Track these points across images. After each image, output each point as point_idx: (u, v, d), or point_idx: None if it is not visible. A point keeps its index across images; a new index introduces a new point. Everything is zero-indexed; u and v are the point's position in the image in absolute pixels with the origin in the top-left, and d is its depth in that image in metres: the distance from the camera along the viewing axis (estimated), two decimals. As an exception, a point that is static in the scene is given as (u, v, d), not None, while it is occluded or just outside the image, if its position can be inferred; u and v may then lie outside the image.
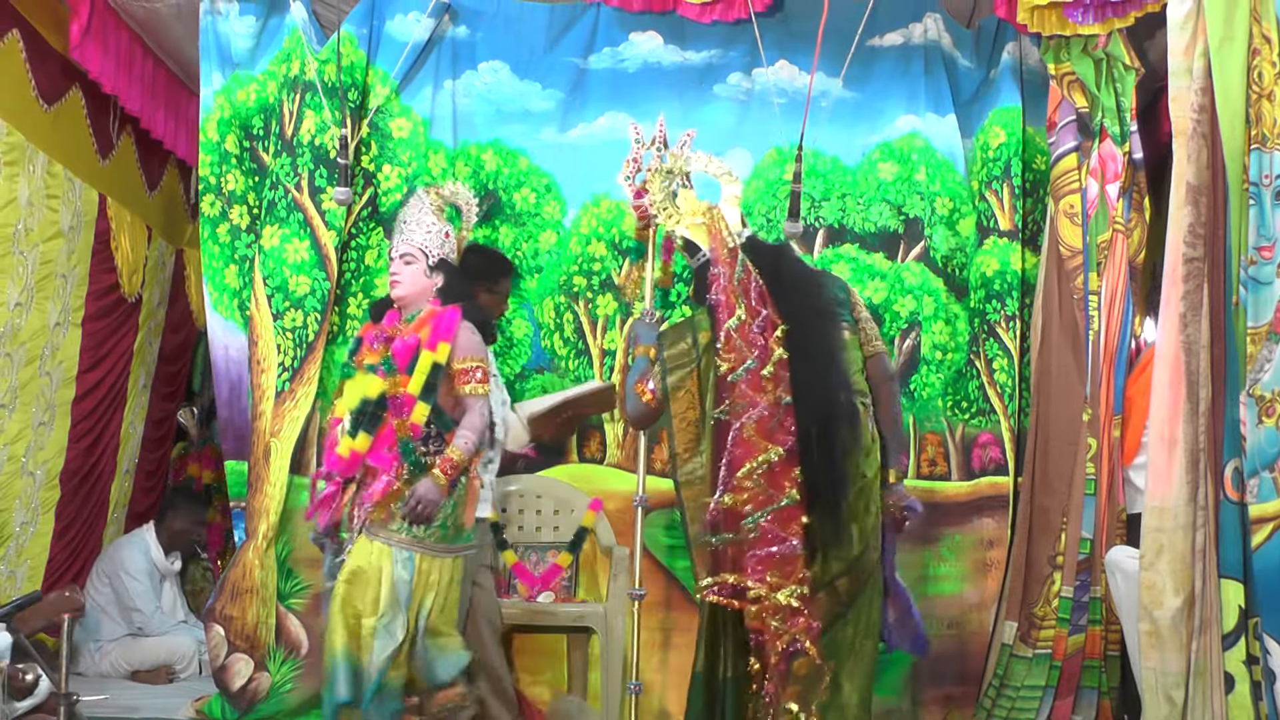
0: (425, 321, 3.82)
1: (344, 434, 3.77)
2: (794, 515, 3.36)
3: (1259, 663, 3.64)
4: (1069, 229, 4.70)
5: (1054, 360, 4.70)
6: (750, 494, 3.38)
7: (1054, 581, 4.61)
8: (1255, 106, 3.67)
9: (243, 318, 4.79)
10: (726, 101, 4.95)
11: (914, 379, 4.86)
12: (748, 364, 3.42)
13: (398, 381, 3.74)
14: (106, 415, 5.85)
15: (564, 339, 4.90)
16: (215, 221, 4.84)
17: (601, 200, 4.91)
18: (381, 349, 3.81)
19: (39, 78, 4.94)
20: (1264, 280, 3.62)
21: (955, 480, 4.84)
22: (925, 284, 4.87)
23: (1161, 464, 3.80)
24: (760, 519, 3.36)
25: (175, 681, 5.66)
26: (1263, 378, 3.61)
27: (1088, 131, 4.73)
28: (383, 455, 3.72)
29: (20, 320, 4.96)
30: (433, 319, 3.82)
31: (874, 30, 4.84)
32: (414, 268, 3.88)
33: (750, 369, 3.42)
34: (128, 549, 5.81)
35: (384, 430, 3.73)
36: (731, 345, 3.46)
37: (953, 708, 4.72)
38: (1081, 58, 4.69)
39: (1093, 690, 4.63)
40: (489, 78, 4.95)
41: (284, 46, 4.83)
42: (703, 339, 3.57)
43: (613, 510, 4.68)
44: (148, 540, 5.87)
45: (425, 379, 3.73)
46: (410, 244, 3.90)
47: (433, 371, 3.74)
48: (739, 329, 3.46)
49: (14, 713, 4.30)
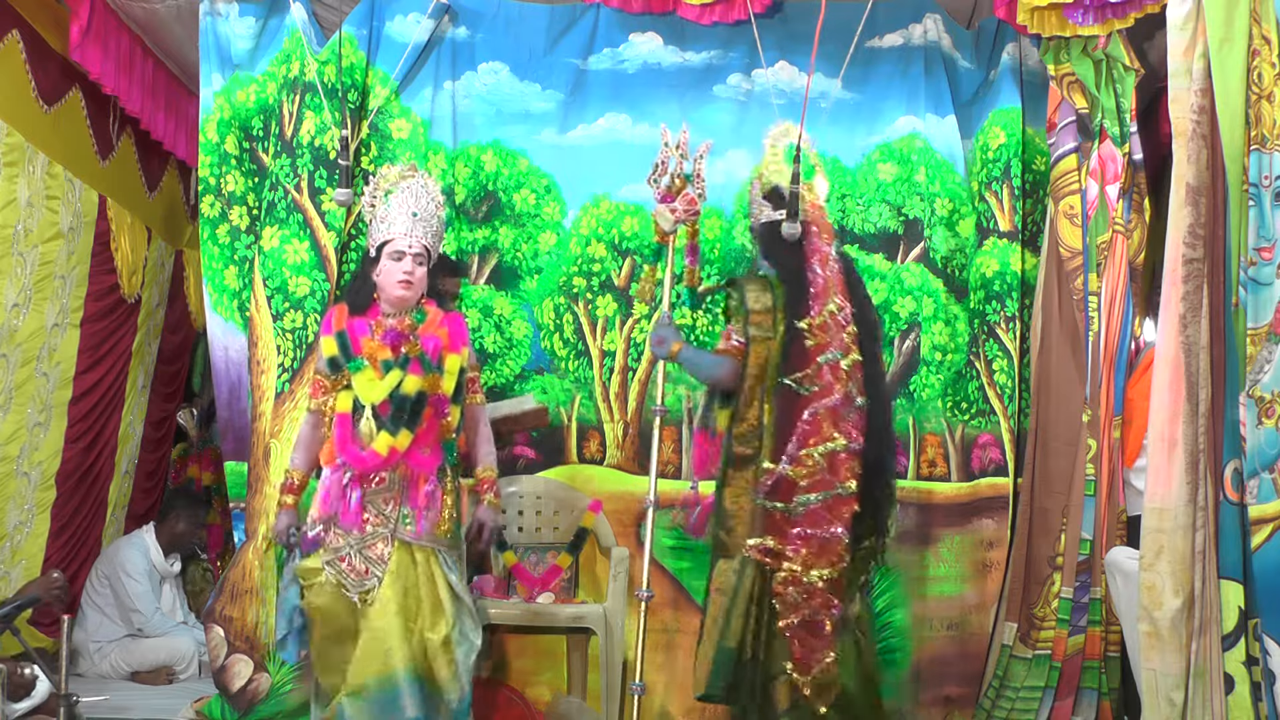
0: (439, 323, 3.78)
1: (381, 430, 3.64)
2: (847, 505, 3.57)
3: (1259, 664, 3.64)
4: (1069, 230, 4.69)
5: (1054, 361, 4.70)
6: (809, 472, 3.56)
7: (1054, 582, 4.61)
8: (1255, 107, 3.67)
9: (242, 319, 4.79)
10: (726, 102, 4.96)
11: (914, 380, 4.86)
12: (835, 352, 3.62)
13: (436, 380, 3.70)
14: (104, 416, 5.85)
15: (564, 340, 4.90)
16: (215, 222, 4.84)
17: (601, 201, 4.91)
18: (402, 345, 3.71)
19: (39, 79, 4.95)
20: (1264, 281, 3.62)
21: (955, 481, 4.84)
22: (925, 285, 4.87)
23: (1161, 465, 3.80)
24: (815, 501, 3.54)
25: (175, 682, 5.66)
26: (1262, 379, 3.61)
27: (1087, 132, 4.73)
28: (422, 456, 3.67)
29: (17, 321, 4.96)
30: (447, 321, 3.79)
31: (873, 31, 4.84)
32: (424, 269, 3.80)
33: (834, 358, 3.61)
34: (127, 550, 5.81)
35: (424, 429, 3.68)
36: (824, 327, 3.64)
37: (953, 708, 4.72)
38: (1081, 59, 4.69)
39: (1093, 691, 4.63)
40: (489, 79, 4.95)
41: (284, 47, 4.83)
42: (780, 299, 3.76)
43: (612, 511, 4.68)
44: (147, 541, 5.87)
45: (455, 381, 3.72)
46: (425, 242, 3.79)
47: (460, 375, 3.74)
48: (832, 315, 3.65)
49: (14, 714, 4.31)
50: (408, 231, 3.77)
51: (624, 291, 4.90)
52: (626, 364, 4.86)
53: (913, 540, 4.79)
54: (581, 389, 4.87)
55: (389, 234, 3.78)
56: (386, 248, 3.77)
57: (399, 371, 3.69)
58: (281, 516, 3.80)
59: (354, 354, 3.74)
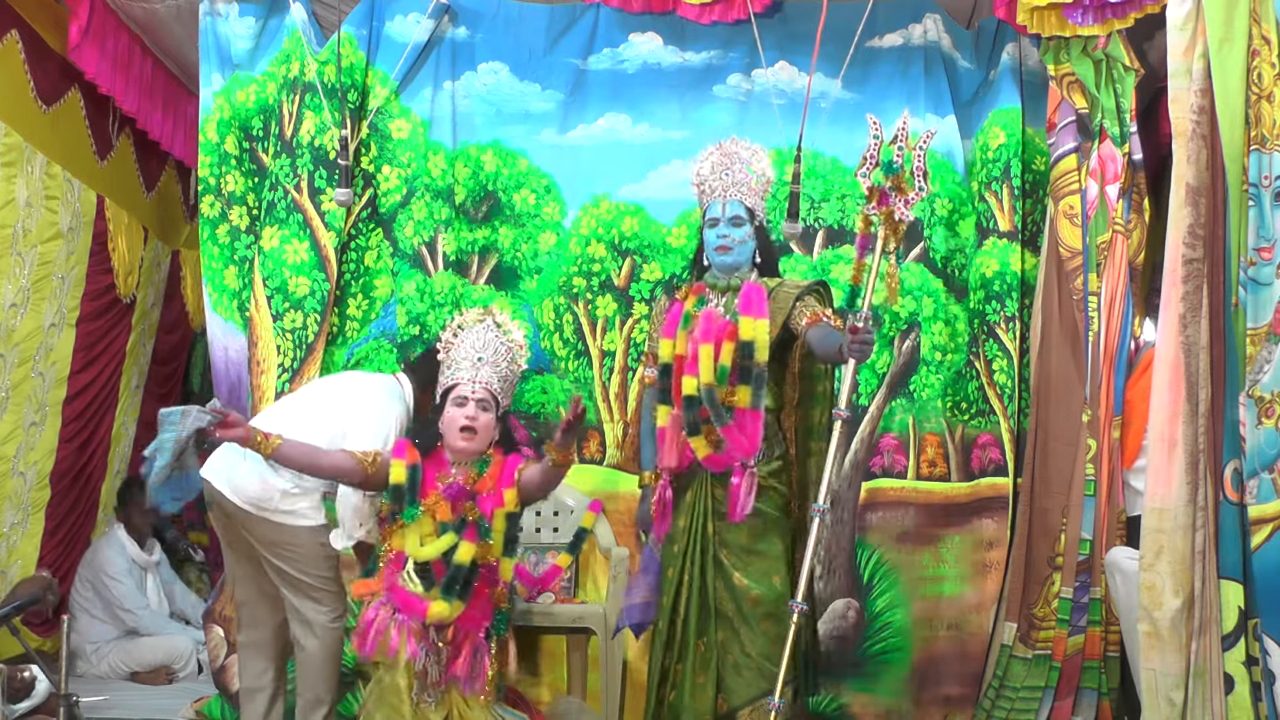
0: (497, 474, 3.63)
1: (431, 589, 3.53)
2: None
3: (1258, 664, 3.64)
4: (1069, 230, 4.70)
5: (1054, 361, 4.70)
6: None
7: (1053, 582, 4.61)
8: (1255, 108, 3.68)
9: (242, 319, 4.79)
10: (726, 102, 4.95)
11: (914, 380, 4.86)
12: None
13: (488, 548, 3.57)
14: (98, 416, 5.84)
15: (564, 340, 4.90)
16: (215, 223, 4.84)
17: (601, 201, 4.91)
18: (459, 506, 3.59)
19: (38, 79, 4.94)
20: (1263, 281, 3.63)
21: (955, 481, 4.83)
22: (925, 285, 4.87)
23: (1161, 465, 3.80)
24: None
25: (174, 683, 5.66)
26: (1262, 379, 3.62)
27: (1087, 132, 4.73)
28: (472, 615, 3.58)
29: (15, 321, 4.96)
30: (502, 470, 3.65)
31: (873, 31, 4.84)
32: (490, 415, 3.64)
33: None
34: (106, 550, 5.78)
35: (477, 600, 3.58)
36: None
37: (952, 708, 4.72)
38: (1081, 59, 4.69)
39: (1092, 691, 4.63)
40: (489, 79, 4.95)
41: (284, 47, 4.83)
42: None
43: (612, 511, 4.68)
44: (121, 538, 5.84)
45: (504, 535, 3.62)
46: (491, 388, 3.64)
47: (509, 524, 3.63)
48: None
49: (14, 714, 4.31)
50: (472, 377, 3.65)
51: (624, 291, 4.89)
52: (626, 364, 4.85)
53: (912, 540, 4.79)
54: (581, 389, 4.87)
55: (453, 379, 3.67)
56: (451, 393, 3.66)
57: (454, 535, 3.56)
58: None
59: (417, 499, 3.59)
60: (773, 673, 3.62)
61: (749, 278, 3.85)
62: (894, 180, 3.55)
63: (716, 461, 3.72)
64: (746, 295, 3.73)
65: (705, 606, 3.76)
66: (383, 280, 4.85)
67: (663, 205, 4.87)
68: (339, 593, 3.92)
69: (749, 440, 3.65)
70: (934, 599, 4.77)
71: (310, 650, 3.88)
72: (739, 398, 3.67)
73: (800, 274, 4.83)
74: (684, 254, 4.78)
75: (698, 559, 3.77)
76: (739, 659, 3.72)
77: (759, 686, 3.68)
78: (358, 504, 3.76)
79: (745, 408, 3.66)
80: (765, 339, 3.68)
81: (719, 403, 3.65)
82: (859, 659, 4.73)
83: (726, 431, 3.65)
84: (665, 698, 3.82)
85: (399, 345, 4.79)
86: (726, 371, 3.68)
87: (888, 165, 3.53)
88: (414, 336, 4.76)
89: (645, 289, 4.88)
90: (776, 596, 3.71)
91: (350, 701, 4.46)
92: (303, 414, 3.94)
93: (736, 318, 3.72)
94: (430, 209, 4.83)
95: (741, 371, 3.67)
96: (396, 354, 4.79)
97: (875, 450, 4.81)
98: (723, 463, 3.70)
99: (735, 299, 3.79)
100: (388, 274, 4.85)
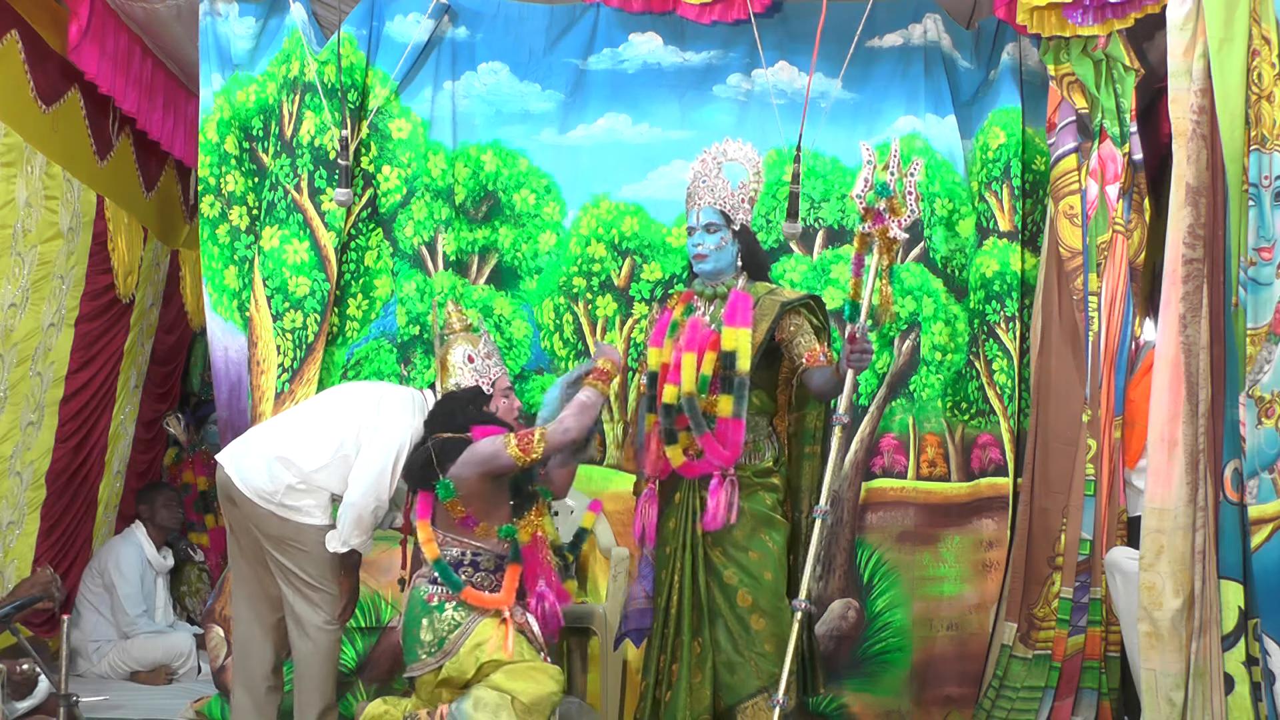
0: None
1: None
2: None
3: (1259, 664, 3.65)
4: (1069, 230, 4.70)
5: (1054, 361, 4.70)
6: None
7: (1054, 582, 4.61)
8: (1255, 108, 3.68)
9: (242, 319, 4.79)
10: (726, 102, 4.95)
11: (914, 380, 4.86)
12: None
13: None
14: (95, 415, 5.84)
15: (564, 340, 4.90)
16: (215, 223, 4.84)
17: (601, 201, 4.91)
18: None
19: (38, 79, 4.94)
20: (1263, 281, 3.63)
21: (955, 481, 4.83)
22: (925, 285, 4.87)
23: (1161, 465, 3.81)
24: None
25: (174, 682, 5.66)
26: (1262, 379, 3.62)
27: (1087, 132, 4.73)
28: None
29: (14, 321, 4.95)
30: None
31: (873, 31, 4.84)
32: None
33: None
34: (122, 548, 5.80)
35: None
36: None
37: (952, 709, 4.72)
38: (1081, 59, 4.69)
39: (1093, 691, 4.63)
40: (489, 79, 4.94)
41: (284, 47, 4.82)
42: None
43: (612, 511, 4.68)
44: (140, 538, 5.86)
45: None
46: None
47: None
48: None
49: (14, 713, 4.30)
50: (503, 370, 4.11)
51: (624, 291, 4.89)
52: (626, 364, 4.85)
53: (913, 540, 4.79)
54: (581, 389, 4.86)
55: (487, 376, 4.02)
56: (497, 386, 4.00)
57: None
58: None
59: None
60: (768, 670, 3.65)
61: (736, 284, 3.89)
62: (888, 202, 3.64)
63: (692, 469, 3.77)
64: (731, 305, 3.80)
65: (698, 606, 3.78)
66: (383, 280, 4.85)
67: (663, 205, 4.87)
68: (336, 596, 3.93)
69: (729, 449, 3.71)
70: (934, 599, 4.77)
71: (304, 652, 3.90)
72: (720, 407, 3.72)
73: (800, 274, 4.84)
74: (684, 254, 4.77)
75: (689, 560, 3.80)
76: (733, 657, 3.74)
77: (754, 684, 3.71)
78: (361, 514, 3.80)
79: (727, 417, 3.71)
80: (748, 349, 3.73)
81: (699, 412, 3.71)
82: (859, 659, 4.73)
83: (705, 440, 3.70)
84: (661, 699, 3.83)
85: (399, 345, 4.79)
86: (708, 380, 3.73)
87: (881, 188, 3.63)
88: (414, 336, 4.76)
89: (645, 289, 4.88)
90: (769, 593, 3.74)
91: (350, 701, 4.46)
92: (322, 418, 3.99)
93: (721, 327, 3.76)
94: (430, 209, 4.83)
95: (723, 381, 3.73)
96: (396, 354, 4.79)
97: (875, 450, 4.82)
98: (699, 470, 3.75)
99: (723, 306, 3.84)
100: (388, 274, 4.85)
